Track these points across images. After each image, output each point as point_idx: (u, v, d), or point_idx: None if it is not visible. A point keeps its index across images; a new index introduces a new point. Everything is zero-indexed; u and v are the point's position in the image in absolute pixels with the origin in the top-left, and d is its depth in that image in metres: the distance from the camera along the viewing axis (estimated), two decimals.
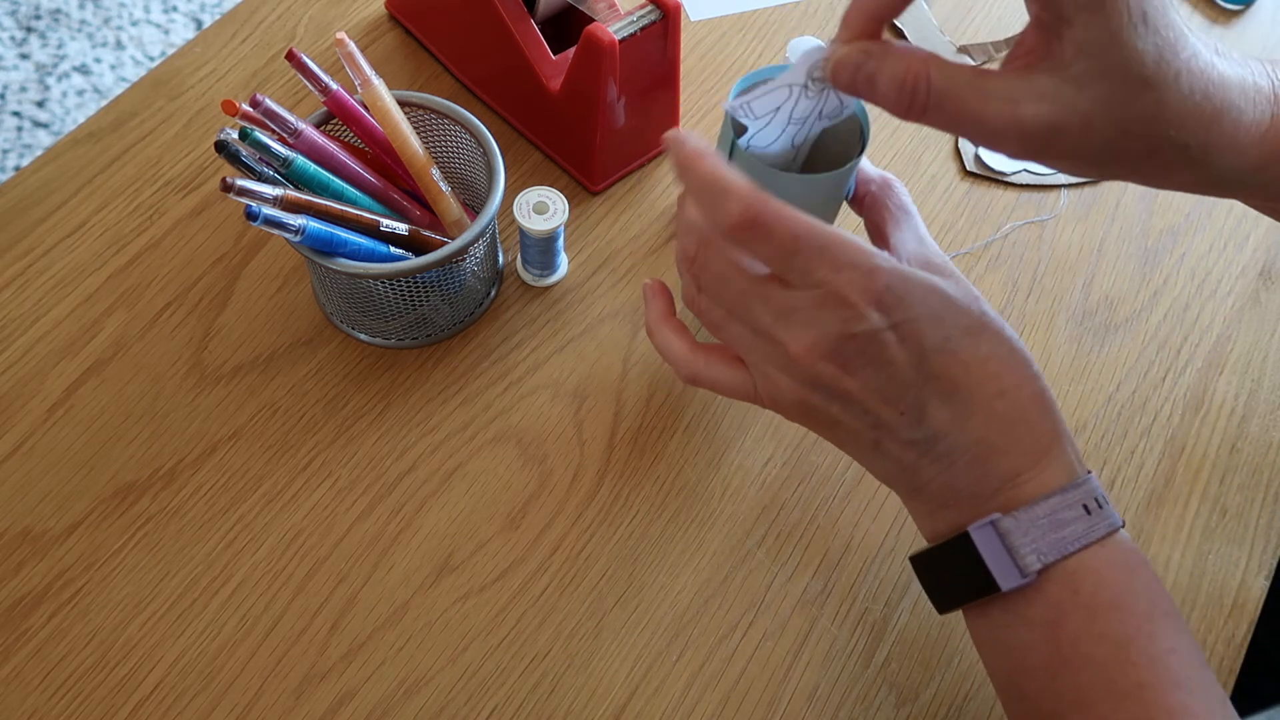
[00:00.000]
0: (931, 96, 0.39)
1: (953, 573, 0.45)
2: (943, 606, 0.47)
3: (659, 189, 0.71)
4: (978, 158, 0.74)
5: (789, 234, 0.39)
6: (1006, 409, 0.42)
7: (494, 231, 0.65)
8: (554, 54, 0.68)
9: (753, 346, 0.43)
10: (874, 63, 0.40)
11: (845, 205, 0.53)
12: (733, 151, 0.47)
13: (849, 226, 0.71)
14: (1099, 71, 0.37)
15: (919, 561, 0.47)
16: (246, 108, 0.54)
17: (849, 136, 0.51)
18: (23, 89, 1.69)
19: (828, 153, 0.52)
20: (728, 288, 0.42)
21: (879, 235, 0.49)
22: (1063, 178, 0.74)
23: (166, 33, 1.79)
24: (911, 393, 0.42)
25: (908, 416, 0.42)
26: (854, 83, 0.40)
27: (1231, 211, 0.73)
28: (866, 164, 0.51)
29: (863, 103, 0.48)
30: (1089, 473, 0.43)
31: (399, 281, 0.59)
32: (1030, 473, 0.43)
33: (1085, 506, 0.42)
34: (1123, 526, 0.43)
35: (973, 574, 0.43)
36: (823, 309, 0.40)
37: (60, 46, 1.74)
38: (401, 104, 0.61)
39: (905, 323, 0.40)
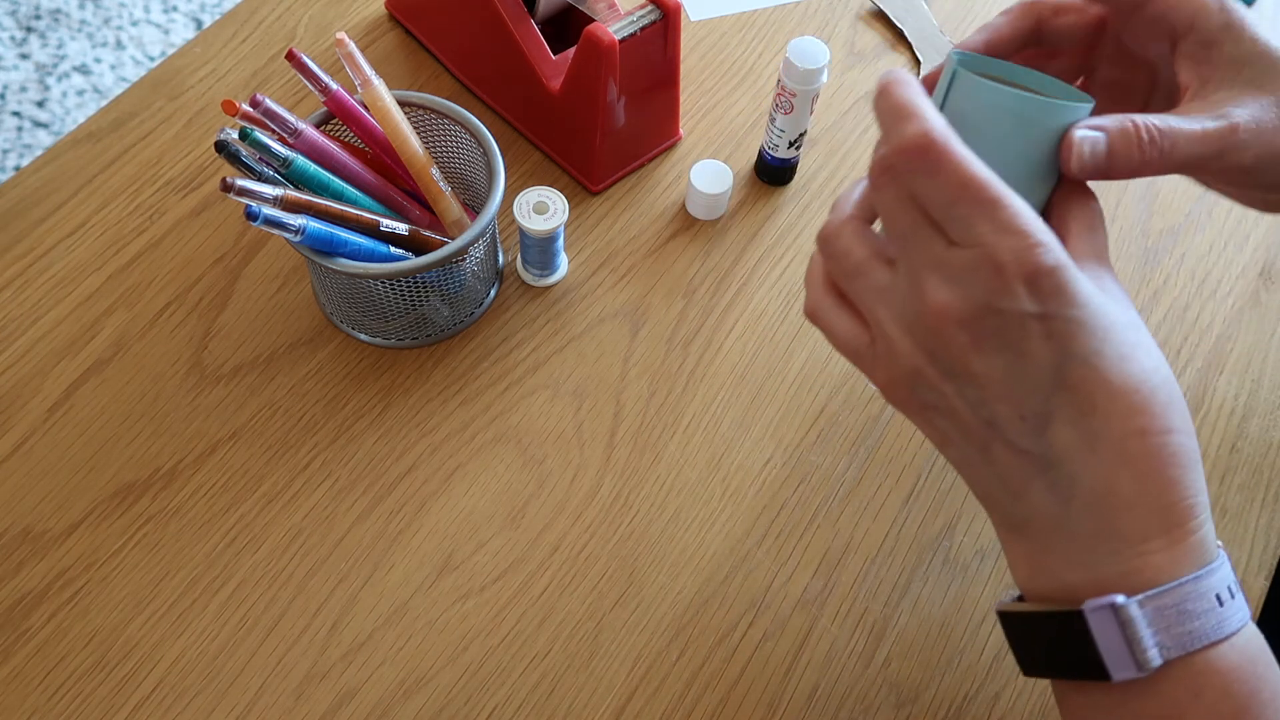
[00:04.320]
0: (1164, 139, 0.39)
1: (1055, 645, 0.39)
2: (1031, 671, 0.41)
3: (659, 189, 0.71)
4: None
5: (960, 175, 0.35)
6: (1143, 452, 0.37)
7: (494, 231, 0.65)
8: (554, 54, 0.68)
9: (887, 296, 0.39)
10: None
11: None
12: (954, 79, 0.40)
13: None
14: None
15: (1013, 621, 0.41)
16: (246, 108, 0.54)
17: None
18: (23, 89, 1.69)
19: None
20: (900, 216, 0.38)
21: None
22: None
23: (166, 33, 1.79)
24: (1039, 397, 0.37)
25: (1029, 423, 0.37)
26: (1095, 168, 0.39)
27: (1231, 212, 0.73)
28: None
29: None
30: (1222, 552, 0.38)
31: (399, 281, 0.59)
32: (1160, 542, 0.37)
33: (1219, 596, 0.37)
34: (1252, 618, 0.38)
35: (1080, 654, 0.38)
36: (974, 271, 0.36)
37: (60, 46, 1.74)
38: (401, 104, 0.61)
39: (1056, 318, 0.36)
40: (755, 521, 0.59)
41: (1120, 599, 0.37)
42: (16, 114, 1.66)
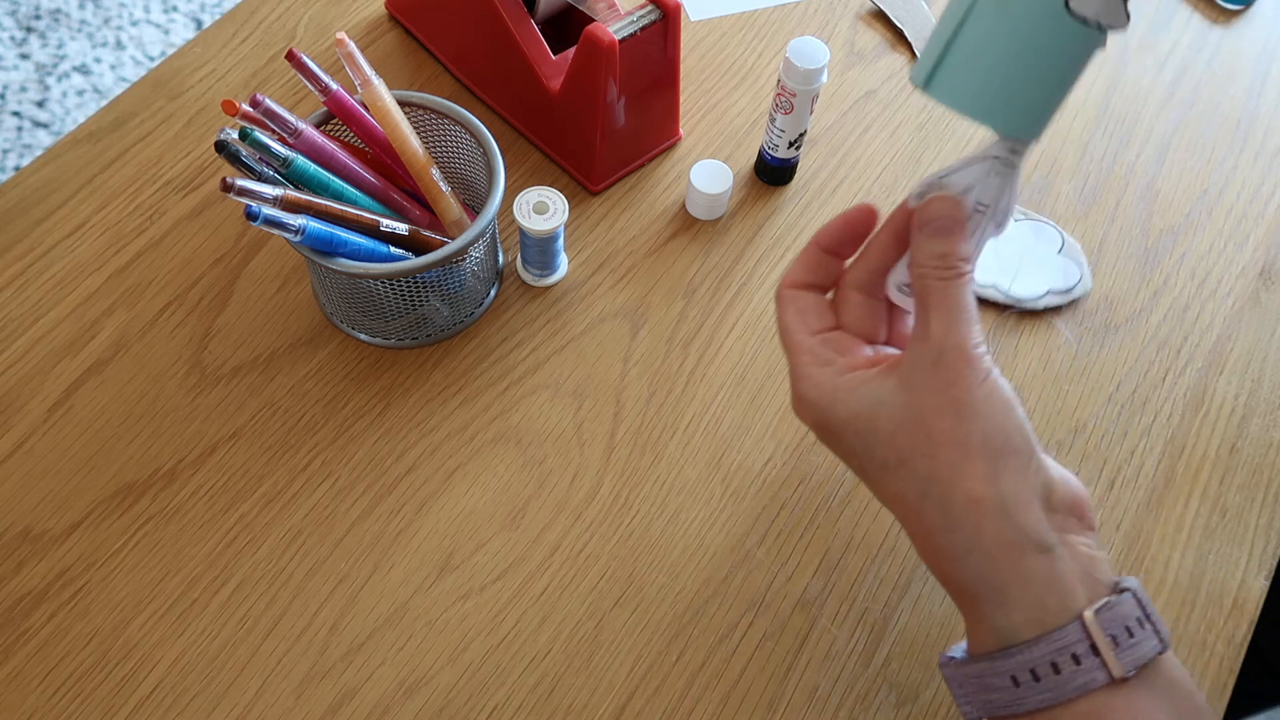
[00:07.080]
0: None
1: None
2: None
3: (659, 189, 0.71)
4: None
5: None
6: (929, 551, 0.42)
7: (494, 231, 0.65)
8: (554, 54, 0.68)
9: None
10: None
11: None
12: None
13: None
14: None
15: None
16: (246, 108, 0.54)
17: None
18: (23, 89, 1.69)
19: None
20: None
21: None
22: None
23: (166, 33, 1.79)
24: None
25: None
26: None
27: (1231, 211, 0.74)
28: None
29: None
30: (1058, 630, 0.39)
31: (399, 281, 0.59)
32: (969, 619, 0.42)
33: (1015, 678, 0.39)
34: (1098, 686, 0.38)
35: None
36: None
37: (60, 46, 1.74)
38: (401, 104, 0.61)
39: (832, 442, 0.45)
40: (755, 521, 0.59)
41: (944, 658, 0.44)
42: (16, 114, 1.66)
